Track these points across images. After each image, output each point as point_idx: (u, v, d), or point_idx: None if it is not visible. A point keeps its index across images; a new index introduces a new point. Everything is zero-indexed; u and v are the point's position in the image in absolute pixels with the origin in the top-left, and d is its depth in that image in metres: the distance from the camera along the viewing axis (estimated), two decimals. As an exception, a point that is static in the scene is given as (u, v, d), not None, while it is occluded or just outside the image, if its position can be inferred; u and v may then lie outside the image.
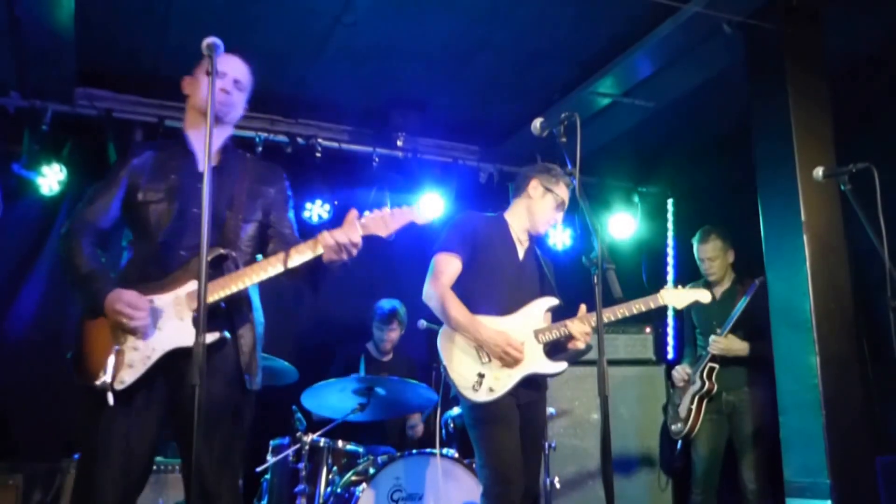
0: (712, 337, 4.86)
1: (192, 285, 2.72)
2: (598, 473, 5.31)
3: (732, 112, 5.48)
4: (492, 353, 3.53)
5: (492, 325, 3.57)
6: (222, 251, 2.80)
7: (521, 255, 3.83)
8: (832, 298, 4.10)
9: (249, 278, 2.76)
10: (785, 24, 4.35)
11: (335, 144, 6.16)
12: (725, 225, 5.19)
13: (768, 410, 4.72)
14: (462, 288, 3.67)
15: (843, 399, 4.00)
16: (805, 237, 4.10)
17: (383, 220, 2.89)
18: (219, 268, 2.80)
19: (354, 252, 2.82)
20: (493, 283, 3.68)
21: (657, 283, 6.76)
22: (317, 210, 6.04)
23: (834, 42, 4.48)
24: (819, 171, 3.65)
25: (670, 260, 6.90)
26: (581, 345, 3.61)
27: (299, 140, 6.01)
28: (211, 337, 2.67)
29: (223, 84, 2.93)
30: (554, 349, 3.66)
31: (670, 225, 6.98)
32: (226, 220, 2.85)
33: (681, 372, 5.07)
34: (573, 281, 4.30)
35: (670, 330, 6.50)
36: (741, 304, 4.80)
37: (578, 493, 5.31)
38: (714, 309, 4.96)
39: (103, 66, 5.47)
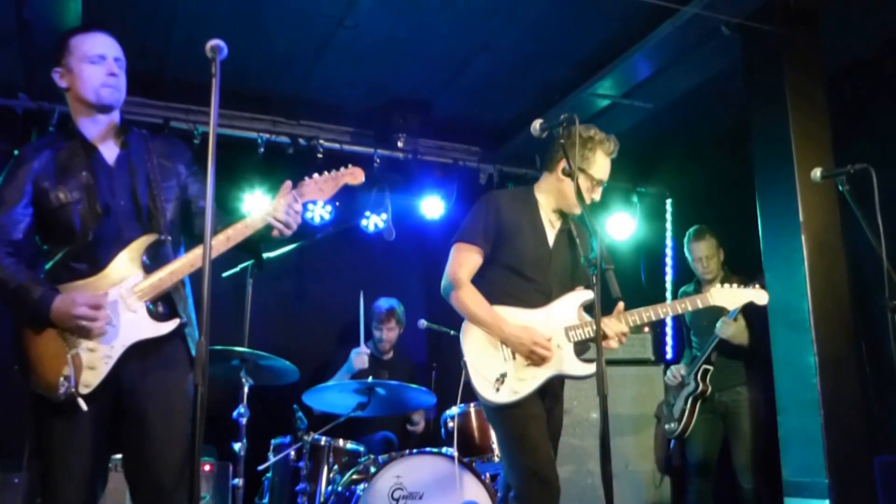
0: (722, 319, 4.73)
1: (135, 277, 2.66)
2: (596, 472, 5.33)
3: (731, 113, 5.50)
4: (517, 350, 3.26)
5: (518, 319, 3.29)
6: (159, 237, 2.75)
7: (551, 240, 3.47)
8: (830, 298, 4.12)
9: (197, 260, 2.68)
10: (783, 26, 4.37)
11: (336, 146, 6.18)
12: (724, 225, 5.19)
13: (762, 410, 4.75)
14: (485, 280, 3.40)
15: (841, 399, 4.02)
16: (803, 237, 4.13)
17: (317, 186, 2.90)
18: (156, 254, 2.74)
19: (298, 219, 2.82)
20: (521, 276, 3.38)
21: (656, 284, 6.84)
22: (318, 211, 6.07)
23: (831, 43, 4.51)
24: (817, 172, 3.66)
25: (669, 260, 6.92)
26: (615, 345, 3.28)
27: (301, 141, 6.03)
28: (172, 325, 2.67)
29: (109, 67, 2.78)
30: (584, 348, 3.37)
31: (669, 225, 6.99)
32: (148, 204, 2.77)
33: (674, 372, 5.08)
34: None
35: (669, 330, 6.52)
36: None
37: (577, 493, 5.32)
38: (705, 308, 4.96)
39: (108, 68, 5.49)
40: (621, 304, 3.26)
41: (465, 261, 3.40)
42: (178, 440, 2.64)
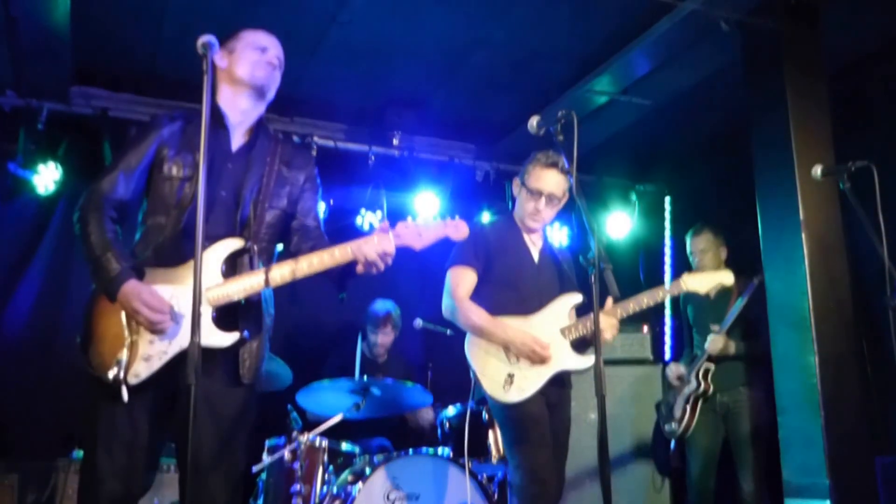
0: (710, 336, 4.84)
1: (211, 280, 2.61)
2: (595, 473, 5.29)
3: (730, 110, 5.46)
4: (519, 352, 3.53)
5: (517, 325, 3.60)
6: (242, 244, 2.69)
7: (535, 256, 3.83)
8: (831, 297, 4.08)
9: (273, 280, 2.65)
10: (783, 22, 4.34)
11: (331, 143, 6.15)
12: (723, 223, 5.19)
13: (764, 411, 4.72)
14: (483, 298, 3.69)
15: (843, 399, 3.99)
16: (803, 236, 4.08)
17: (417, 232, 2.78)
18: (234, 262, 2.68)
19: (389, 261, 2.71)
20: (513, 289, 3.70)
21: (654, 282, 6.77)
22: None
23: (832, 40, 4.47)
24: (818, 170, 3.66)
25: (667, 259, 6.89)
26: (609, 336, 3.56)
27: (295, 139, 6.00)
28: (231, 338, 2.59)
29: (269, 58, 2.88)
30: (580, 344, 3.67)
31: (667, 223, 6.96)
32: (249, 205, 2.73)
33: (675, 370, 5.04)
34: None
35: (668, 329, 6.48)
36: (738, 304, 4.78)
37: (575, 493, 5.28)
38: (708, 306, 4.95)
39: (99, 65, 5.46)
40: (610, 300, 3.54)
41: (461, 280, 3.71)
42: (216, 450, 2.60)
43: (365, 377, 4.57)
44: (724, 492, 4.97)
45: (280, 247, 2.91)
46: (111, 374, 2.51)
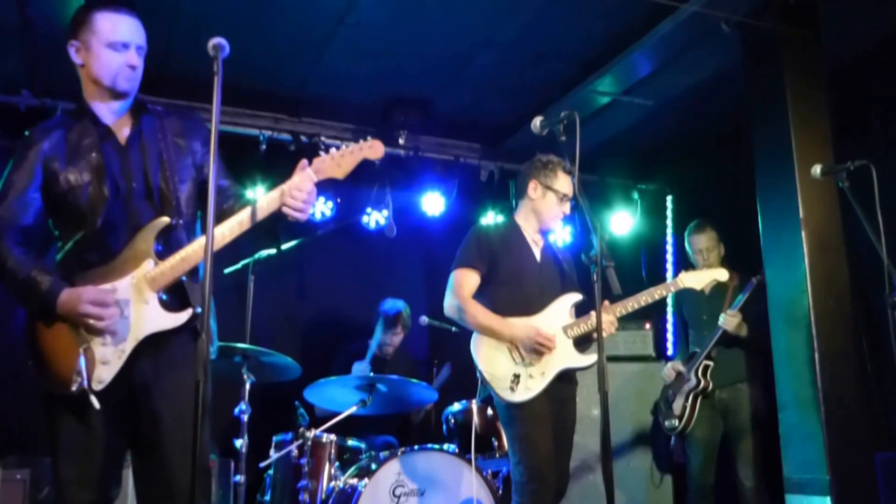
0: (727, 312, 4.78)
1: (147, 265, 2.54)
2: (597, 469, 5.33)
3: (731, 110, 5.50)
4: (524, 346, 3.63)
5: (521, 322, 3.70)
6: (171, 221, 2.61)
7: (537, 256, 3.93)
8: (831, 295, 4.11)
9: (198, 252, 2.56)
10: (783, 23, 4.37)
11: (338, 143, 6.17)
12: (724, 221, 5.20)
13: (763, 407, 4.74)
14: (487, 298, 3.79)
15: (842, 395, 4.01)
16: (803, 234, 4.11)
17: (335, 162, 2.73)
18: (168, 239, 2.62)
19: (314, 199, 2.67)
20: (517, 289, 3.79)
21: (656, 280, 6.80)
22: (319, 207, 6.08)
23: (831, 40, 4.50)
24: (817, 169, 3.69)
25: (669, 257, 6.91)
26: (604, 333, 3.63)
27: (303, 139, 6.05)
28: (183, 316, 2.53)
29: (130, 59, 2.67)
30: (582, 342, 3.78)
31: (669, 222, 6.97)
32: (160, 186, 2.65)
33: (672, 368, 5.07)
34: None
35: (670, 326, 6.51)
36: (741, 298, 4.79)
37: (578, 489, 5.31)
38: (704, 303, 4.97)
39: (110, 66, 5.49)
40: (606, 302, 3.53)
41: (464, 281, 3.81)
42: (187, 447, 2.47)
43: (371, 374, 4.61)
44: (724, 487, 5.01)
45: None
46: (74, 386, 2.44)
